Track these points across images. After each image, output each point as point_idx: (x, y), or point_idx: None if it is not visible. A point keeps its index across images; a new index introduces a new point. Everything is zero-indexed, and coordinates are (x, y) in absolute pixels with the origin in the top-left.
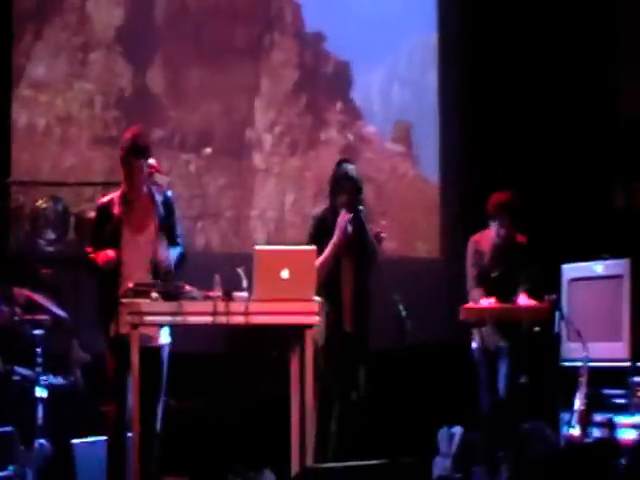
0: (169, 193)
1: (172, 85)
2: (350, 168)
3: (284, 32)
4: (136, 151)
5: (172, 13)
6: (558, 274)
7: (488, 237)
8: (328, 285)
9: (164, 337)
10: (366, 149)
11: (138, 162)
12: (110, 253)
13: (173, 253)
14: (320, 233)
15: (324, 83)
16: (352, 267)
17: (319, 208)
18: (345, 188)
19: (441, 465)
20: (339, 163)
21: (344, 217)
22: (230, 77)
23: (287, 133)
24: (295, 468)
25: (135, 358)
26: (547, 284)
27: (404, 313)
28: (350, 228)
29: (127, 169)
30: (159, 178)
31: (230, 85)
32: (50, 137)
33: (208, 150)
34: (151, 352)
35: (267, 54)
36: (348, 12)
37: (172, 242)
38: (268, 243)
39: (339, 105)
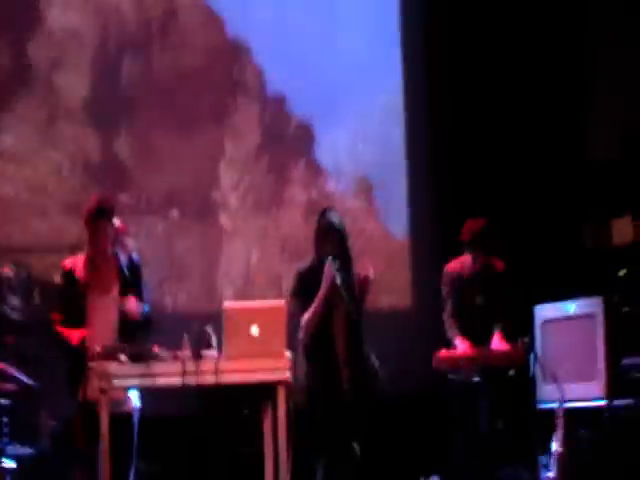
0: (135, 256)
1: (138, 150)
2: (334, 217)
3: (247, 96)
4: (100, 213)
5: (137, 81)
6: (531, 315)
7: (463, 265)
8: (319, 340)
9: (134, 401)
10: (327, 204)
11: (103, 224)
12: (80, 336)
13: (140, 302)
14: (306, 287)
15: (287, 143)
16: (344, 319)
17: (303, 263)
18: (330, 238)
19: None
20: (323, 213)
21: (329, 267)
22: (195, 141)
23: (251, 193)
24: None
25: (105, 424)
26: (520, 326)
27: (376, 364)
28: (338, 279)
29: (92, 231)
30: (126, 240)
31: (195, 149)
32: (18, 206)
33: (175, 212)
34: (121, 418)
35: (230, 117)
36: (311, 75)
37: None
38: (236, 298)
39: (302, 164)
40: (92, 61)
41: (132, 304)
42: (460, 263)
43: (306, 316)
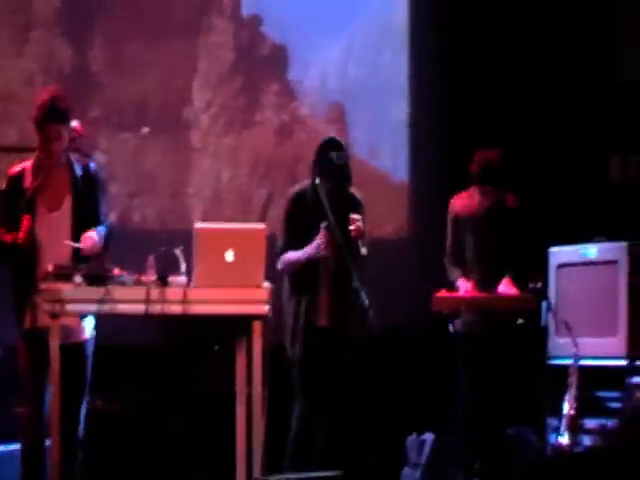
0: (93, 165)
1: (111, 64)
2: (335, 155)
3: (221, 15)
4: (55, 114)
5: None
6: (545, 259)
7: (471, 201)
8: (302, 277)
9: (88, 329)
10: (300, 130)
11: (56, 128)
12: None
13: (100, 231)
14: (297, 212)
15: (261, 65)
16: (334, 262)
17: (294, 187)
18: (328, 174)
19: (410, 477)
20: (324, 143)
21: (322, 236)
22: (168, 58)
23: (223, 113)
24: (241, 479)
25: (55, 353)
26: (532, 270)
27: (367, 302)
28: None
29: (43, 134)
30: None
31: (168, 65)
32: None
33: (146, 129)
34: (73, 347)
35: (204, 36)
36: None
37: (93, 223)
38: (204, 220)
39: (275, 87)
40: None
41: (88, 243)
42: (468, 197)
43: (287, 258)
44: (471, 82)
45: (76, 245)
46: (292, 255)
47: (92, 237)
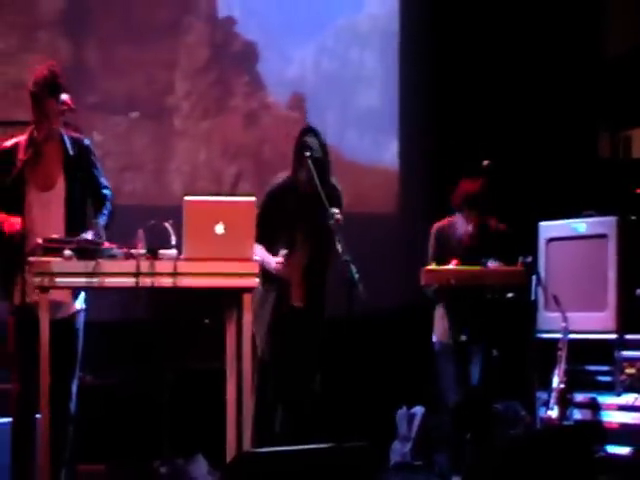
0: (86, 142)
1: (104, 59)
2: (314, 142)
3: (199, 17)
4: (53, 88)
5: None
6: (535, 233)
7: (454, 228)
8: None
9: (78, 303)
10: (266, 115)
11: (54, 103)
12: (16, 222)
13: (102, 220)
14: (273, 208)
15: (233, 60)
16: (307, 243)
17: (277, 178)
18: (307, 165)
19: (399, 450)
20: (302, 133)
21: (281, 262)
22: (153, 54)
23: (200, 101)
24: (231, 453)
25: (45, 328)
26: (522, 244)
27: (356, 276)
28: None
29: (40, 110)
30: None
31: (153, 60)
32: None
33: (135, 114)
34: (63, 322)
35: (184, 35)
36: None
37: (97, 198)
38: (184, 192)
39: (244, 78)
40: None
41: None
42: (448, 223)
43: (256, 257)
44: (459, 58)
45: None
46: (257, 251)
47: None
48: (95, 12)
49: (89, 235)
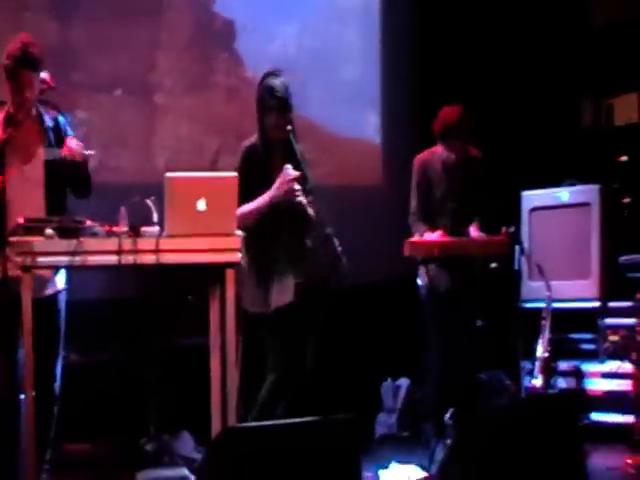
0: (61, 118)
1: (89, 39)
2: (277, 83)
3: None
4: (28, 61)
5: None
6: (517, 202)
7: (436, 157)
8: (258, 234)
9: (60, 282)
10: (245, 89)
11: (29, 74)
12: None
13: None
14: (249, 166)
15: (213, 37)
16: (290, 229)
17: (245, 141)
18: (273, 106)
19: (385, 422)
20: (264, 77)
21: (288, 174)
22: (136, 32)
23: (182, 78)
24: (216, 429)
25: (27, 306)
26: (505, 214)
27: (339, 249)
28: (298, 190)
29: (15, 83)
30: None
31: (136, 38)
32: None
33: (118, 91)
34: (46, 300)
35: (166, 14)
36: None
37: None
38: (167, 165)
39: (224, 55)
40: None
41: (73, 143)
42: (431, 154)
43: (241, 210)
44: (443, 26)
45: (58, 153)
46: (247, 206)
47: (73, 139)
48: None
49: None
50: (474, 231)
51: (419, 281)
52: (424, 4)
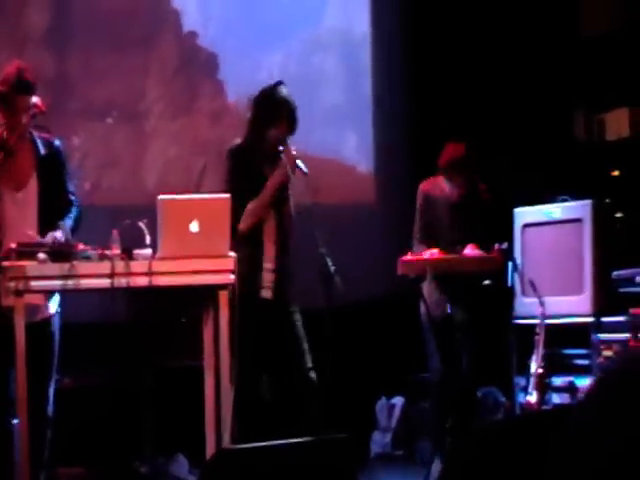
0: (57, 143)
1: (84, 70)
2: (287, 94)
3: (168, 31)
4: (23, 86)
5: (85, 17)
6: (510, 219)
7: (439, 190)
8: (250, 239)
9: (53, 306)
10: (227, 115)
11: (24, 99)
12: None
13: (68, 223)
14: (238, 167)
15: (197, 68)
16: (276, 221)
17: (230, 144)
18: (284, 120)
19: (380, 441)
20: (275, 85)
21: (293, 153)
22: (128, 64)
23: (170, 104)
24: (210, 450)
25: (20, 331)
26: (498, 231)
27: (332, 268)
28: (303, 167)
29: (9, 108)
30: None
31: (128, 70)
32: None
33: (110, 118)
34: (39, 325)
35: (155, 47)
36: (222, 17)
37: (63, 201)
38: (157, 184)
39: (208, 84)
40: (51, 1)
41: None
42: (438, 183)
43: (252, 205)
44: (435, 42)
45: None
46: (252, 204)
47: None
48: (76, 28)
49: (58, 233)
50: (470, 249)
51: (421, 309)
52: (414, 11)
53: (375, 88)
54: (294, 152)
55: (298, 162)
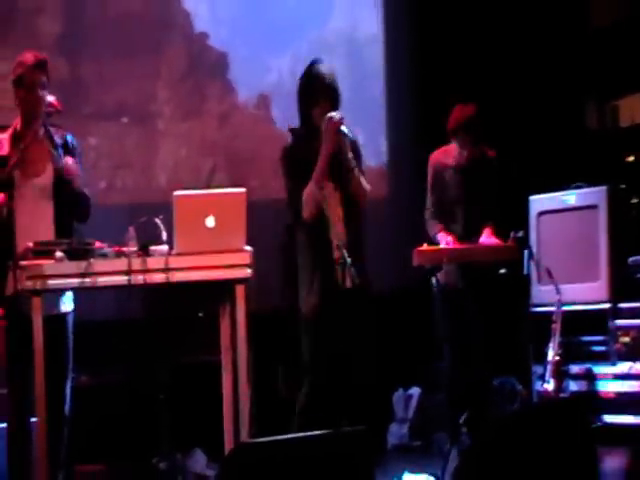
0: (70, 136)
1: (97, 75)
2: (327, 72)
3: (177, 33)
4: (38, 63)
5: (97, 23)
6: (525, 207)
7: (451, 154)
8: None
9: (67, 303)
10: (236, 115)
11: (39, 75)
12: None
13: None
14: (299, 161)
15: (207, 69)
16: (340, 198)
17: (285, 143)
18: (323, 96)
19: (397, 432)
20: (312, 64)
21: (333, 120)
22: (139, 67)
23: (180, 106)
24: (229, 445)
25: (38, 330)
26: (513, 219)
27: (349, 260)
28: (349, 133)
29: (25, 87)
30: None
31: (139, 72)
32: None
33: (123, 120)
34: (55, 319)
35: (165, 49)
36: (228, 18)
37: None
38: (168, 183)
39: (217, 84)
40: (63, 8)
41: (69, 161)
42: (447, 151)
43: (307, 189)
44: (446, 28)
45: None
46: (307, 188)
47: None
48: (88, 34)
49: (70, 160)
50: (485, 237)
51: (433, 281)
52: (423, 10)
53: (384, 88)
54: (337, 117)
55: (342, 128)
